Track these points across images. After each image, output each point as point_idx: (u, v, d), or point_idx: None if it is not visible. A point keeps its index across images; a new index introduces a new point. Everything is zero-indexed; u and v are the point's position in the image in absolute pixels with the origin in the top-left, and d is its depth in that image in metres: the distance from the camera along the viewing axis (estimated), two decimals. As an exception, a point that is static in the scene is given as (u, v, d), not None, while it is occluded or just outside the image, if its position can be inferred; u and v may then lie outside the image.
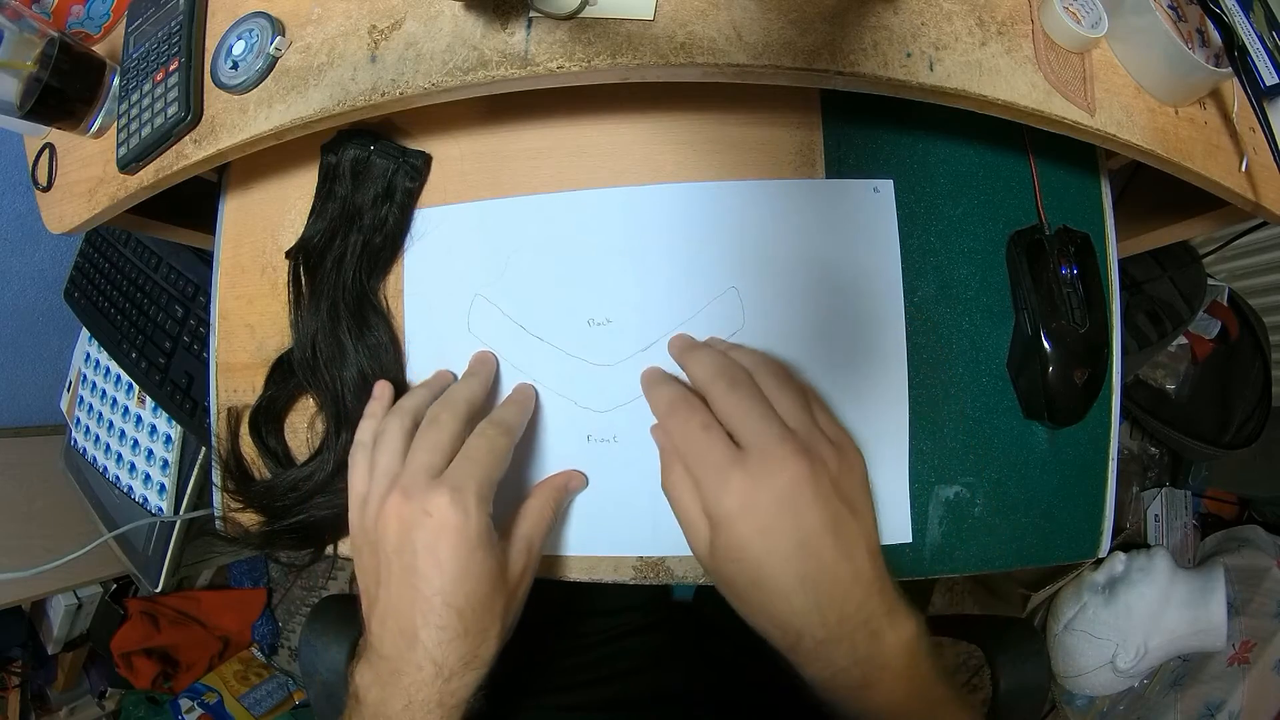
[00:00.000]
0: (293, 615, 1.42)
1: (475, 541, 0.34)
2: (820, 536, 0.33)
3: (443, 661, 0.33)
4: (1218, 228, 0.47)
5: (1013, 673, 0.50)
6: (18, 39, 0.41)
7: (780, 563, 0.33)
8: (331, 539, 0.46)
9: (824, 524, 0.33)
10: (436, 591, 0.33)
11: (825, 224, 0.44)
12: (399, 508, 0.35)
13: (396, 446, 0.37)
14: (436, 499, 0.34)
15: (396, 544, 0.35)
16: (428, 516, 0.34)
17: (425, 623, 0.33)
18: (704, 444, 0.35)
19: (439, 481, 0.35)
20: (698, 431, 0.35)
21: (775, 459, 0.33)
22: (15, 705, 1.11)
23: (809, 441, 0.34)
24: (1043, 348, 0.42)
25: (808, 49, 0.33)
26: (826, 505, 0.33)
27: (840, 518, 0.33)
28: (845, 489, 0.34)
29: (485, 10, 0.34)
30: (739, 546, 0.33)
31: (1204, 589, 0.95)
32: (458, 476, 0.35)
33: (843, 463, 0.35)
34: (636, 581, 0.43)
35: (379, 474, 0.37)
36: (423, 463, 0.36)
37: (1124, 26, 0.37)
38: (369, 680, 0.35)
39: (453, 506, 0.34)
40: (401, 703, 0.33)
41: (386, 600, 0.35)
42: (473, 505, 0.34)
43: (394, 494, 0.35)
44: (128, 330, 0.83)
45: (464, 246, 0.45)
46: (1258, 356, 1.03)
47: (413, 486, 0.35)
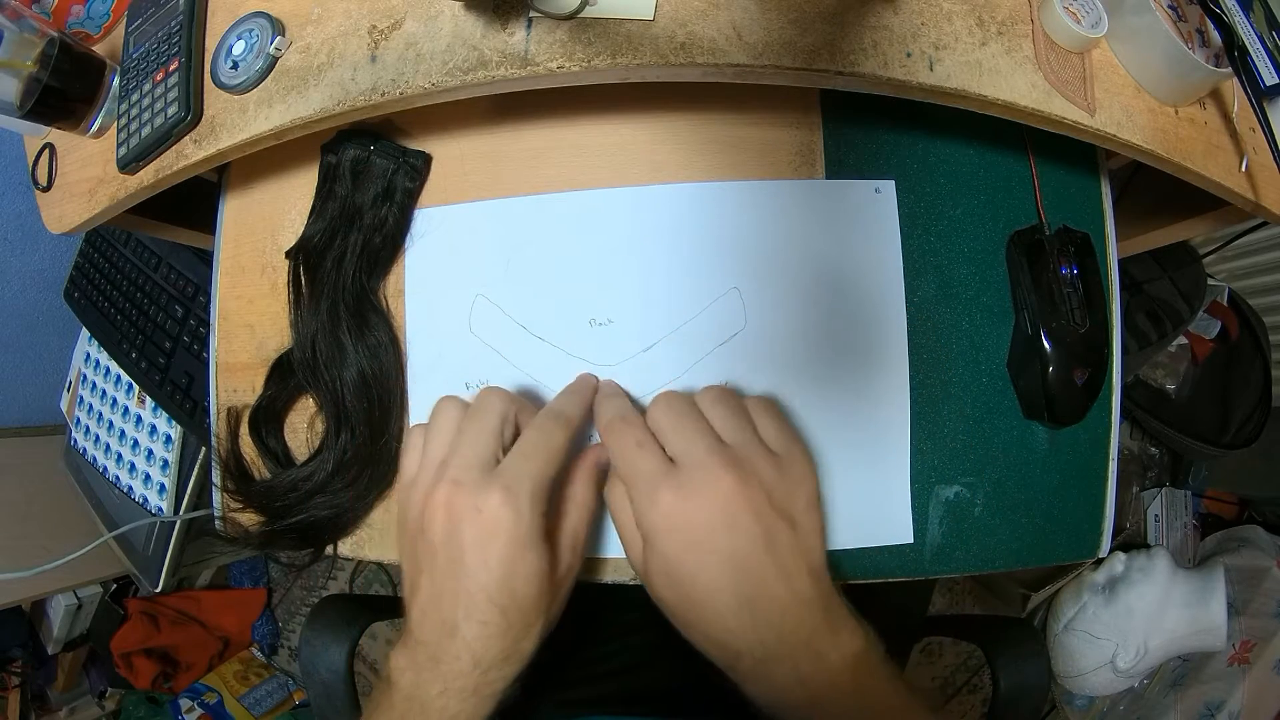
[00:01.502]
0: (293, 615, 1.42)
1: (525, 543, 0.33)
2: (752, 554, 0.32)
3: (481, 655, 0.33)
4: (1218, 228, 0.47)
5: (1013, 673, 0.50)
6: (18, 39, 0.41)
7: (711, 580, 0.32)
8: (331, 539, 0.46)
9: (756, 541, 0.32)
10: (481, 588, 0.33)
11: (827, 224, 0.44)
12: (448, 499, 0.33)
13: (448, 431, 0.36)
14: (489, 497, 0.33)
15: (444, 535, 0.34)
16: (478, 513, 0.33)
17: (467, 616, 0.33)
18: (636, 458, 0.35)
19: (493, 477, 0.33)
20: (631, 446, 0.35)
21: (704, 473, 0.33)
22: (15, 705, 1.11)
23: (743, 455, 0.34)
24: (1043, 348, 0.42)
25: (808, 49, 0.33)
26: (759, 521, 0.32)
27: (775, 534, 0.33)
28: (782, 503, 0.34)
29: (485, 10, 0.34)
30: (670, 563, 0.33)
31: (1204, 589, 0.95)
32: (512, 474, 0.34)
33: (782, 476, 0.34)
34: (635, 582, 0.43)
35: (429, 459, 0.36)
36: (473, 452, 0.35)
37: (1124, 26, 0.37)
38: (404, 664, 0.34)
39: (505, 506, 0.33)
40: (438, 689, 0.33)
41: (429, 589, 0.34)
42: (525, 506, 0.33)
43: (444, 484, 0.34)
44: (128, 330, 0.83)
45: (465, 246, 0.45)
46: (1258, 356, 1.03)
47: (464, 479, 0.33)
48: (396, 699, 0.34)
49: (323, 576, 1.41)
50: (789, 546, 0.33)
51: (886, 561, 0.43)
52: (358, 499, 0.44)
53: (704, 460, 0.33)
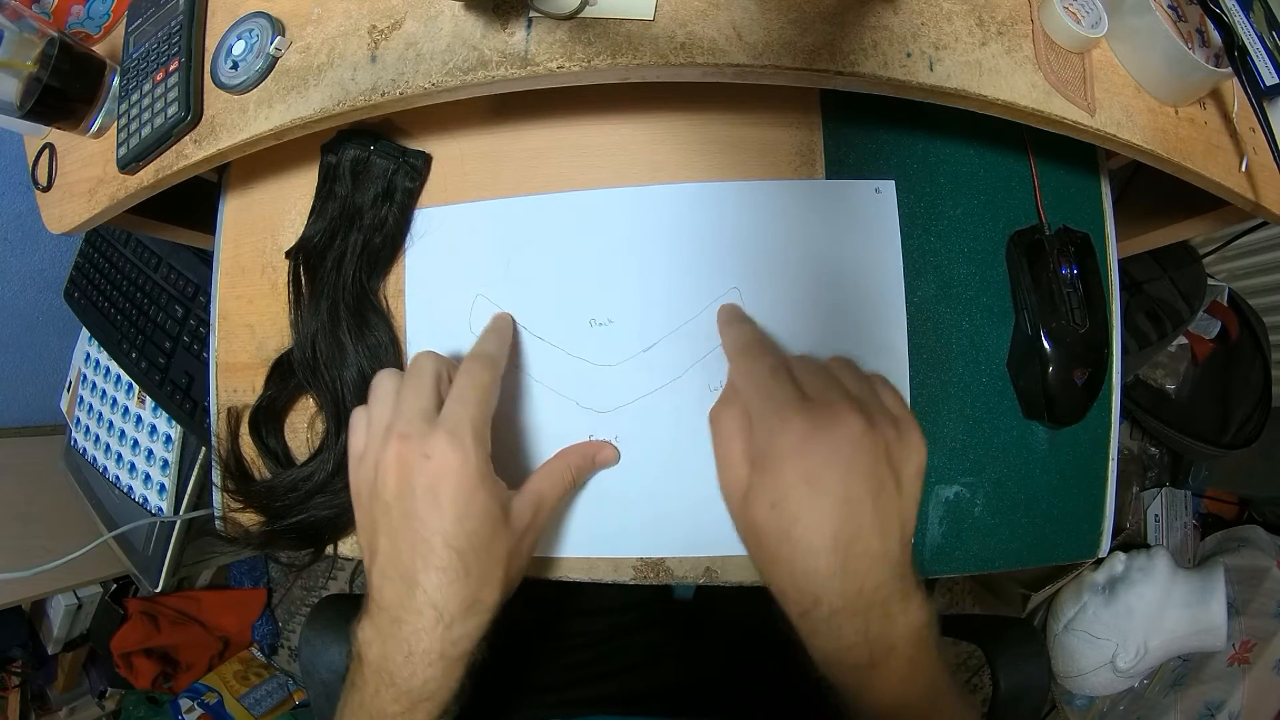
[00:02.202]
0: (293, 615, 1.42)
1: (475, 481, 0.34)
2: (862, 501, 0.32)
3: (443, 606, 0.33)
4: (1218, 228, 0.47)
5: (1013, 673, 0.50)
6: (18, 39, 0.41)
7: (818, 516, 0.32)
8: (331, 539, 0.46)
9: (868, 489, 0.32)
10: (435, 532, 0.33)
11: (827, 224, 0.44)
12: (398, 454, 0.34)
13: (388, 398, 0.37)
14: (434, 441, 0.34)
15: (396, 490, 0.34)
16: (427, 459, 0.33)
17: (425, 565, 0.33)
18: (771, 383, 0.35)
19: (435, 425, 0.34)
20: (767, 371, 0.35)
21: (837, 412, 0.33)
22: (15, 705, 1.10)
23: (872, 408, 0.34)
24: (1043, 348, 0.42)
25: (808, 49, 0.33)
26: (875, 470, 0.32)
27: (885, 488, 0.33)
28: (897, 462, 0.33)
29: (485, 10, 0.34)
30: (781, 491, 0.32)
31: (1204, 589, 0.95)
32: (452, 419, 0.35)
33: (902, 438, 0.34)
34: (636, 581, 0.43)
35: (374, 427, 0.36)
36: (414, 407, 0.35)
37: (1124, 26, 0.37)
38: (370, 635, 0.34)
39: (451, 448, 0.33)
40: (402, 653, 0.33)
41: (387, 549, 0.35)
42: (470, 444, 0.34)
43: (391, 441, 0.35)
44: (128, 330, 0.83)
45: (465, 246, 0.45)
46: (1258, 356, 1.03)
47: (410, 432, 0.34)
48: (367, 673, 0.34)
49: (323, 576, 1.41)
50: (892, 504, 0.33)
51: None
52: (358, 499, 0.44)
53: (838, 401, 0.33)
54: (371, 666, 0.34)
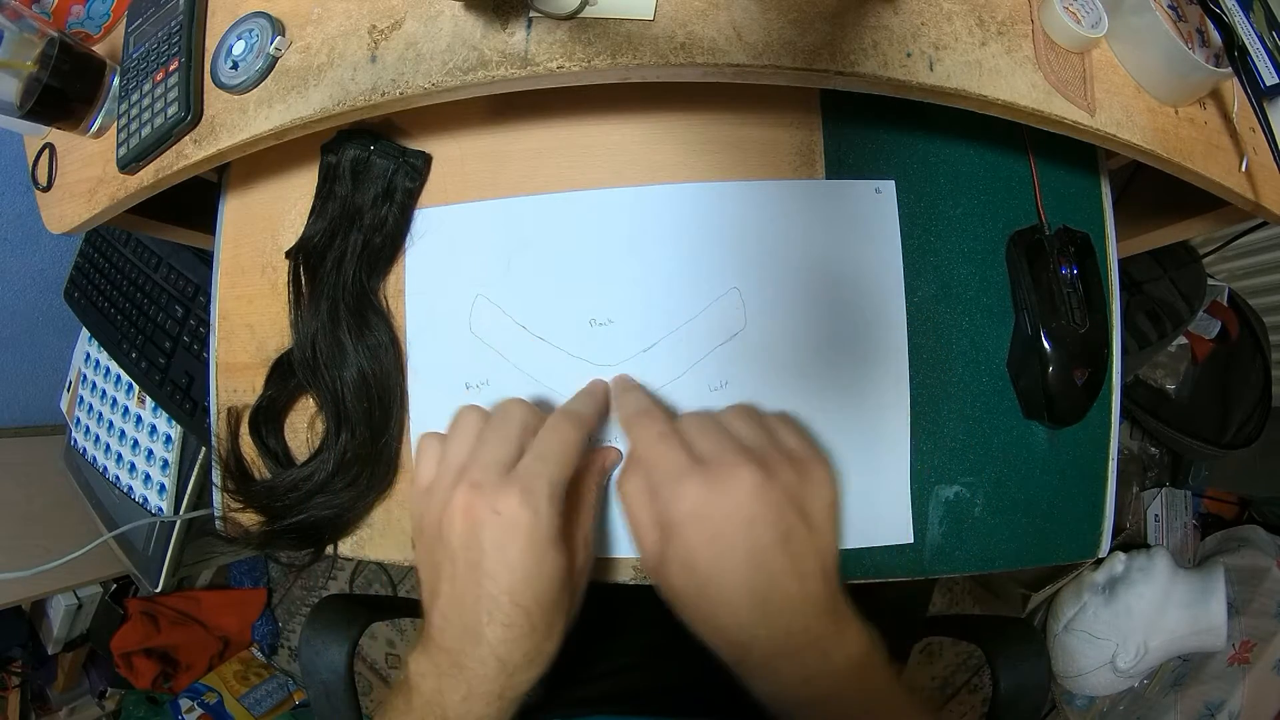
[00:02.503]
0: (293, 615, 1.42)
1: (546, 543, 0.33)
2: (771, 550, 0.32)
3: (507, 658, 0.33)
4: (1218, 228, 0.47)
5: (1013, 673, 0.50)
6: (18, 39, 0.41)
7: (728, 573, 0.32)
8: (331, 539, 0.46)
9: (775, 538, 0.33)
10: (504, 591, 0.32)
11: (827, 224, 0.44)
12: (467, 502, 0.33)
13: (468, 437, 0.36)
14: (507, 498, 0.33)
15: (463, 540, 0.33)
16: (497, 515, 0.33)
17: (491, 620, 0.33)
18: (661, 450, 0.35)
19: (510, 479, 0.33)
20: (656, 438, 0.36)
21: (729, 468, 0.33)
22: (15, 705, 1.11)
23: (765, 456, 0.34)
24: (1043, 348, 0.42)
25: (808, 49, 0.33)
26: (780, 519, 0.33)
27: (793, 532, 0.33)
28: (803, 504, 0.34)
29: (485, 10, 0.34)
30: (689, 554, 0.33)
31: (1204, 589, 0.95)
32: (529, 475, 0.34)
33: (803, 479, 0.35)
34: (636, 582, 0.43)
35: (447, 464, 0.36)
36: (492, 456, 0.35)
37: (1124, 26, 0.37)
38: (426, 669, 0.34)
39: (523, 507, 0.33)
40: (461, 694, 0.33)
41: (450, 594, 0.34)
42: (544, 506, 0.33)
43: (462, 487, 0.34)
44: (128, 330, 0.83)
45: (465, 247, 0.45)
46: (1258, 356, 1.03)
47: (483, 482, 0.34)
48: (416, 702, 0.34)
49: (323, 576, 1.41)
50: (805, 546, 0.33)
51: (886, 561, 0.43)
52: (358, 499, 0.44)
53: (730, 457, 0.34)
54: (422, 697, 0.34)
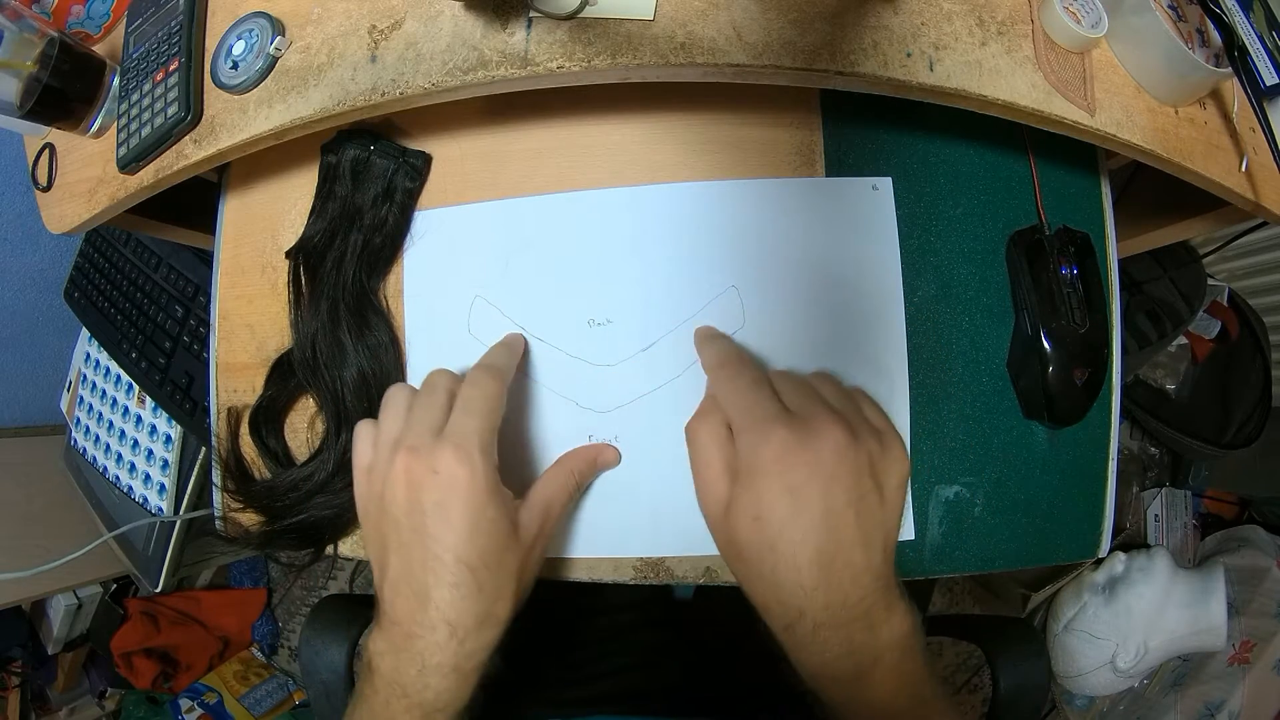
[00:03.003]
0: (293, 615, 1.42)
1: (485, 495, 0.34)
2: (845, 513, 0.32)
3: (457, 621, 0.33)
4: (1218, 228, 0.47)
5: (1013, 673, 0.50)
6: (18, 39, 0.41)
7: (801, 530, 0.32)
8: (331, 539, 0.46)
9: (850, 501, 0.32)
10: (448, 548, 0.33)
11: (825, 222, 0.44)
12: (406, 468, 0.34)
13: (399, 412, 0.37)
14: (441, 455, 0.33)
15: (405, 506, 0.34)
16: (435, 474, 0.33)
17: (438, 581, 0.33)
18: (753, 396, 0.35)
19: (441, 438, 0.34)
20: (748, 384, 0.35)
21: (820, 424, 0.33)
22: (15, 705, 1.11)
23: (854, 421, 0.34)
24: (1043, 348, 0.42)
25: (808, 49, 0.33)
26: (858, 483, 0.32)
27: (868, 500, 0.33)
28: (881, 474, 0.33)
29: (485, 10, 0.34)
30: (764, 504, 0.32)
31: (1204, 589, 0.95)
32: (458, 431, 0.34)
33: (885, 450, 0.34)
34: (636, 581, 0.43)
35: (383, 440, 0.36)
36: (423, 421, 0.35)
37: (1124, 26, 0.37)
38: (382, 648, 0.34)
39: (458, 462, 0.33)
40: (415, 667, 0.33)
41: (398, 565, 0.34)
42: (478, 458, 0.34)
43: (400, 454, 0.34)
44: (128, 330, 0.83)
45: (464, 247, 0.45)
46: (1258, 356, 1.03)
47: (418, 445, 0.34)
48: (379, 684, 0.34)
49: (323, 576, 1.41)
50: (875, 516, 0.33)
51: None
52: (358, 499, 0.44)
53: (821, 413, 0.33)
54: (384, 678, 0.34)
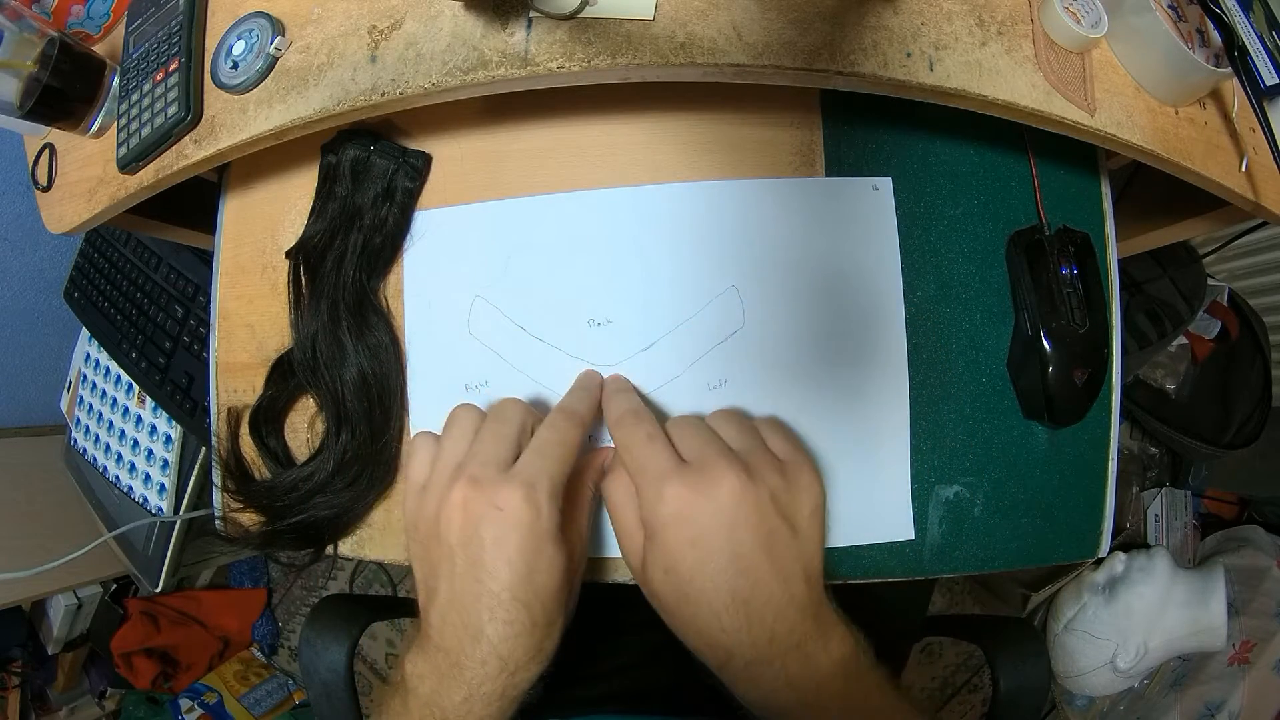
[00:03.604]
0: (293, 615, 1.42)
1: (547, 539, 0.33)
2: (754, 554, 0.32)
3: (509, 656, 0.33)
4: (1218, 228, 0.47)
5: (1013, 673, 0.50)
6: (18, 39, 0.41)
7: (711, 577, 0.32)
8: (331, 539, 0.46)
9: (759, 541, 0.32)
10: (505, 587, 0.32)
11: (824, 222, 0.44)
12: (465, 499, 0.33)
13: (464, 436, 0.36)
14: (508, 494, 0.33)
15: (462, 536, 0.33)
16: (498, 511, 0.33)
17: (492, 618, 0.32)
18: (647, 452, 0.35)
19: (510, 475, 0.33)
20: (643, 440, 0.36)
21: (714, 471, 0.33)
22: (15, 705, 1.11)
23: (752, 460, 0.34)
24: (1043, 348, 0.42)
25: (808, 49, 0.33)
26: (763, 522, 0.33)
27: (777, 536, 0.33)
28: (787, 508, 0.34)
29: (485, 10, 0.34)
30: (671, 557, 0.33)
31: (1204, 589, 0.95)
32: (529, 471, 0.34)
33: (788, 483, 0.35)
34: (633, 582, 0.43)
35: (443, 462, 0.36)
36: (491, 454, 0.35)
37: (1124, 26, 0.37)
38: (424, 671, 0.34)
39: (525, 503, 0.33)
40: (461, 695, 0.33)
41: (448, 593, 0.34)
42: (544, 502, 0.33)
43: (460, 483, 0.34)
44: (128, 330, 0.83)
45: (464, 248, 0.45)
46: (1258, 356, 1.03)
47: (482, 478, 0.33)
48: (413, 705, 0.34)
49: (323, 576, 1.41)
50: (788, 550, 0.33)
51: (886, 561, 0.43)
52: (358, 499, 0.44)
53: (714, 460, 0.34)
54: (420, 699, 0.34)
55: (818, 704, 0.33)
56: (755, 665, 0.33)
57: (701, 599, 0.33)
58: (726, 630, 0.32)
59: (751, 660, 0.32)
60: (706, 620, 0.33)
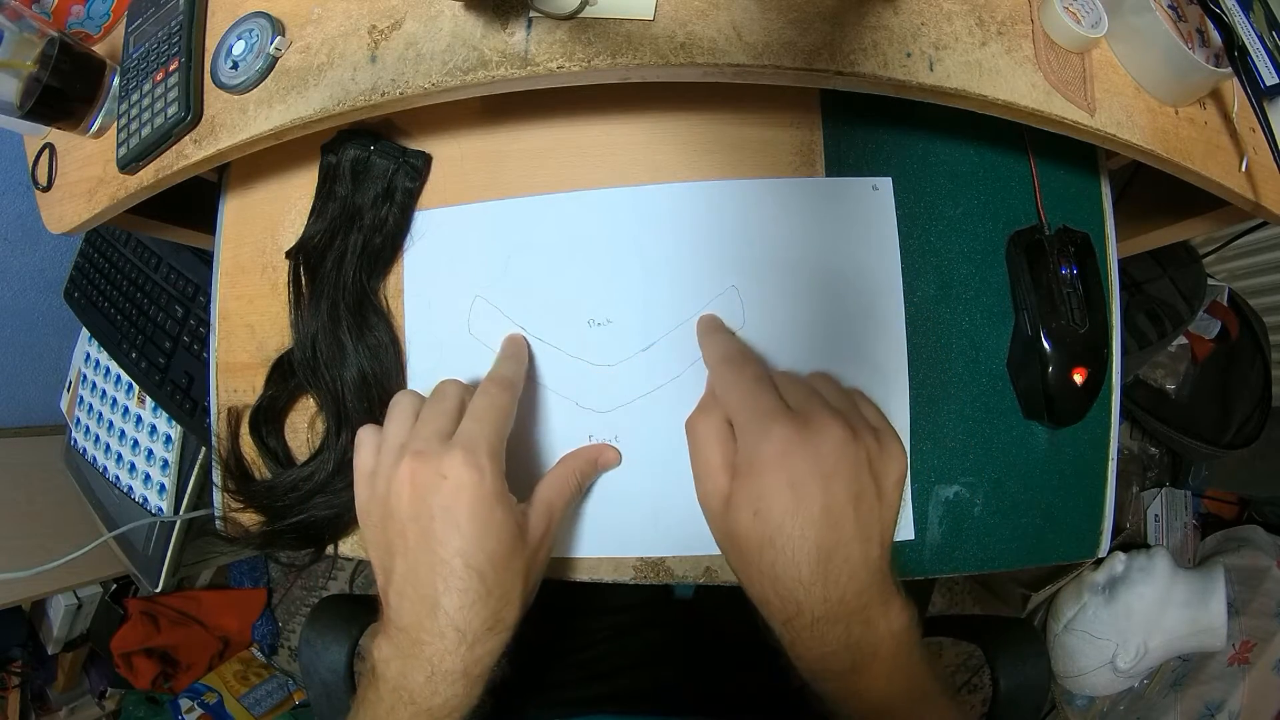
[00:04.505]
0: (293, 615, 1.42)
1: (492, 500, 0.34)
2: (844, 509, 0.32)
3: (465, 627, 0.33)
4: (1218, 228, 0.47)
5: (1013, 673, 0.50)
6: (18, 39, 0.41)
7: (800, 524, 0.32)
8: (331, 539, 0.46)
9: (849, 497, 0.32)
10: (456, 553, 0.33)
11: (824, 222, 0.44)
12: (412, 473, 0.34)
13: (406, 419, 0.37)
14: (450, 460, 0.33)
15: (411, 510, 0.34)
16: (443, 479, 0.33)
17: (446, 587, 0.33)
18: (755, 392, 0.35)
19: (451, 443, 0.34)
20: (750, 381, 0.36)
21: (820, 421, 0.33)
22: (15, 705, 1.11)
23: (852, 419, 0.35)
24: (1043, 348, 0.42)
25: (808, 49, 0.33)
26: (857, 479, 0.33)
27: (866, 496, 0.33)
28: (878, 471, 0.34)
29: (485, 10, 0.34)
30: (764, 499, 0.33)
31: (1204, 589, 0.95)
32: (468, 436, 0.35)
33: (883, 448, 0.35)
34: (637, 581, 0.43)
35: (388, 445, 0.36)
36: (431, 428, 0.35)
37: (1124, 26, 0.37)
38: (388, 654, 0.34)
39: (466, 466, 0.33)
40: (424, 674, 0.33)
41: (404, 569, 0.34)
42: (486, 463, 0.34)
43: (405, 459, 0.34)
44: (128, 330, 0.83)
45: (464, 248, 0.45)
46: (1258, 356, 1.03)
47: (425, 450, 0.34)
48: (384, 691, 0.34)
49: (323, 576, 1.41)
50: (873, 512, 0.33)
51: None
52: (358, 499, 0.44)
53: (820, 411, 0.34)
54: (389, 684, 0.34)
55: (870, 669, 0.32)
56: (821, 623, 0.32)
57: (788, 545, 0.32)
58: (803, 583, 0.32)
59: (821, 617, 0.32)
60: (785, 567, 0.32)
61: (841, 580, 0.32)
